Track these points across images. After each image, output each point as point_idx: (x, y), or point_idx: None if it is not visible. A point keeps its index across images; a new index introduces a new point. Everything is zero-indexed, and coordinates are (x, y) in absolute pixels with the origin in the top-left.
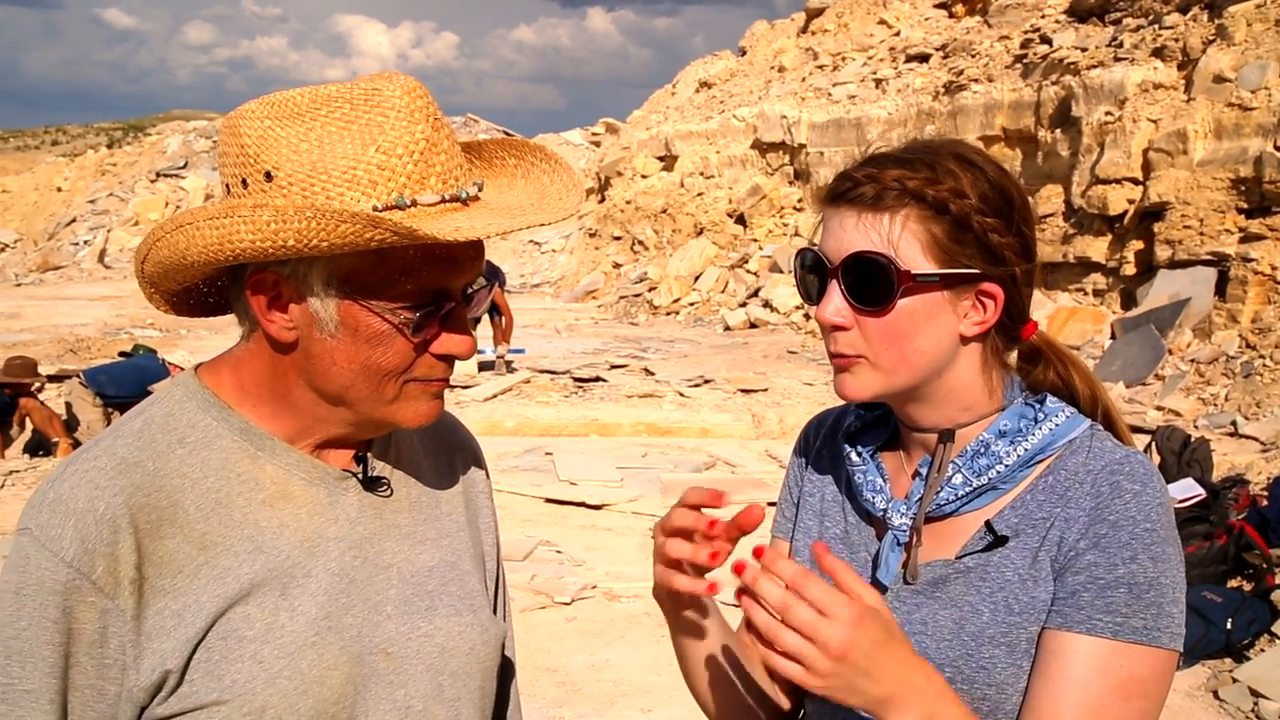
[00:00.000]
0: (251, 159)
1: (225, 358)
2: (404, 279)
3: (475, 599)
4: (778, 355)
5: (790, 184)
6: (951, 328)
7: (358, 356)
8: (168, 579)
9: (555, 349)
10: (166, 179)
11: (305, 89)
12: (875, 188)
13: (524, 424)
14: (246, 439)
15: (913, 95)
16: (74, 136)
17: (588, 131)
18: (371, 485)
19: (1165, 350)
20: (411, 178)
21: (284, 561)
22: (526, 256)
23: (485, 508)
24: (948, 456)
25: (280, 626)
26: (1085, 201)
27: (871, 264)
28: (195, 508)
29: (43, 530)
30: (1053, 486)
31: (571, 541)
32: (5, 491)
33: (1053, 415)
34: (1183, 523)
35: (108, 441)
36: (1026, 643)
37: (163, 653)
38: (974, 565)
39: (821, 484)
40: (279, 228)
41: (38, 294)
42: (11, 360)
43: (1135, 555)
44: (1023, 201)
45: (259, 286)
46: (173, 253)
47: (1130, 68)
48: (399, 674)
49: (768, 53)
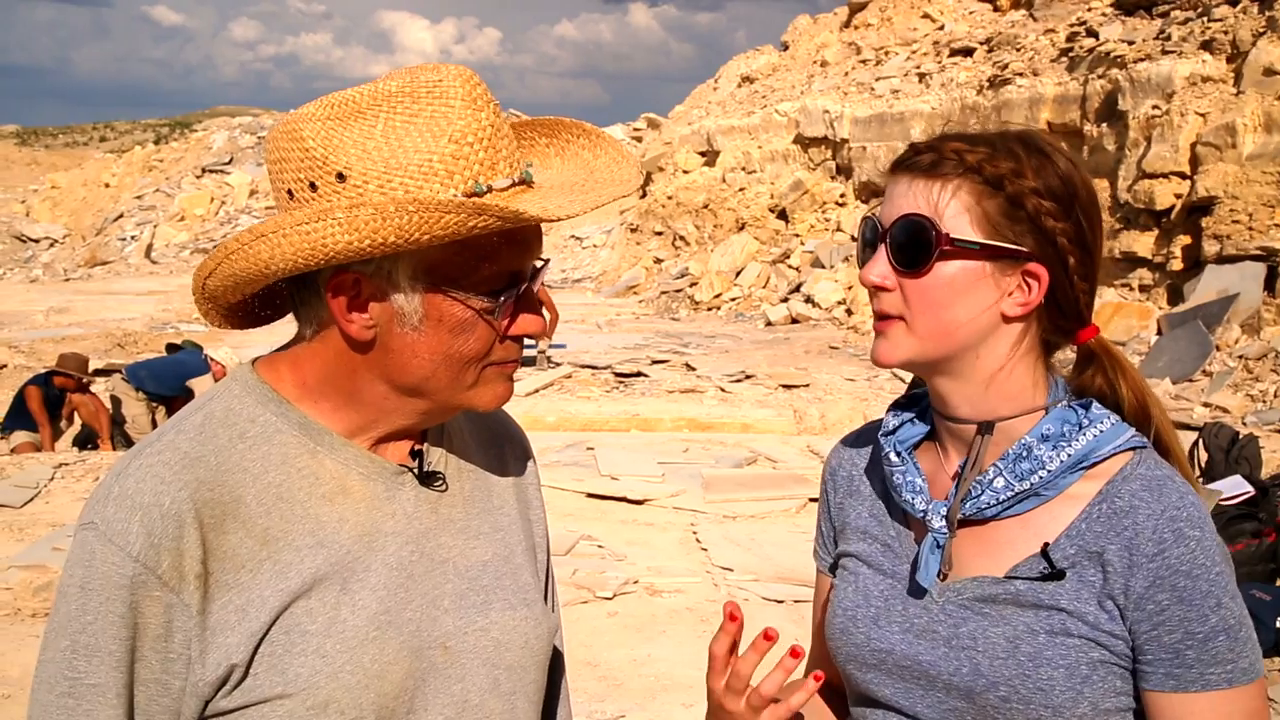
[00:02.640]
0: (319, 161)
1: (284, 354)
2: (486, 264)
3: (529, 592)
4: (819, 351)
5: (832, 179)
6: (992, 303)
7: (440, 346)
8: (231, 573)
9: (596, 344)
10: (212, 174)
11: (360, 87)
12: (933, 156)
13: (565, 419)
14: (305, 434)
15: (956, 89)
16: (122, 133)
17: (629, 127)
18: (427, 480)
19: (1213, 346)
20: (484, 164)
21: (344, 556)
22: (568, 252)
23: (535, 500)
24: (985, 449)
25: (342, 621)
26: (1132, 196)
27: (915, 226)
28: (257, 502)
29: (108, 525)
30: (1109, 517)
31: (613, 536)
32: (55, 484)
33: (1097, 422)
34: (1230, 520)
35: (170, 436)
36: (1087, 668)
37: (227, 647)
38: (1025, 589)
39: (858, 503)
40: (378, 225)
41: (86, 289)
42: (65, 355)
43: (1220, 601)
44: (1089, 197)
45: (340, 288)
46: (253, 264)
47: (1178, 61)
48: (456, 668)
49: (810, 47)
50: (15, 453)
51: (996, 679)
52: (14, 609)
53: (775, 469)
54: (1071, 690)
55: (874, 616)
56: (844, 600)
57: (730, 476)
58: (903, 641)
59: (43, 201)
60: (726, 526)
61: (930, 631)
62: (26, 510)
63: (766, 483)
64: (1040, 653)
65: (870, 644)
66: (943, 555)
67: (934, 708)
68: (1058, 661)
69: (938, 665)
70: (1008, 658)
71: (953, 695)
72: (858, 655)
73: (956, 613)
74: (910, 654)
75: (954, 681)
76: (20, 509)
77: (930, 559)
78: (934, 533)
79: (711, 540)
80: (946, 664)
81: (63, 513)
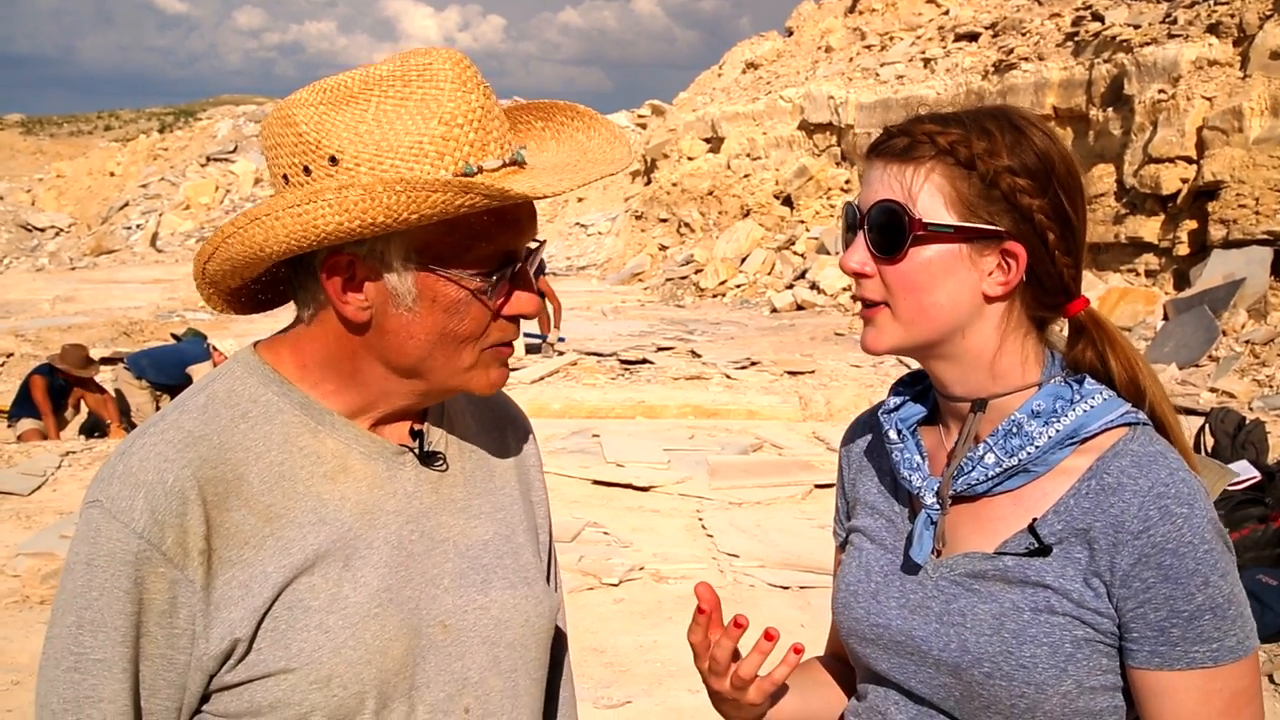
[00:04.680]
0: (312, 145)
1: (284, 337)
2: (478, 244)
3: (529, 571)
4: (825, 337)
5: (837, 165)
6: (973, 285)
7: (435, 326)
8: (235, 550)
9: (602, 331)
10: (216, 163)
11: (352, 72)
12: (906, 140)
13: (571, 406)
14: (306, 413)
15: (962, 74)
16: (126, 121)
17: (634, 114)
18: (427, 460)
19: (1219, 331)
20: (474, 145)
21: (346, 533)
22: (573, 239)
23: (537, 481)
24: (977, 426)
25: (344, 597)
26: (1137, 181)
27: (889, 212)
28: (259, 480)
29: (113, 502)
30: (1097, 493)
31: (619, 523)
32: (62, 472)
33: (1089, 397)
34: (1237, 505)
35: (173, 416)
36: (1071, 646)
37: (231, 622)
38: (1013, 565)
39: (868, 479)
40: (367, 205)
41: (92, 277)
42: (67, 348)
43: (1207, 579)
44: (1067, 170)
45: (335, 269)
46: (248, 247)
47: (1184, 44)
48: (456, 646)
49: (815, 33)
50: (21, 440)
51: (980, 655)
52: (22, 596)
53: (781, 455)
54: (1055, 668)
55: (873, 591)
56: (847, 575)
57: (736, 463)
58: (899, 616)
59: (48, 190)
60: (732, 513)
61: (924, 607)
62: (34, 498)
63: (772, 469)
64: (1024, 630)
65: (870, 618)
66: (935, 531)
67: (925, 683)
68: (1041, 639)
69: (929, 641)
70: (992, 634)
71: (942, 671)
72: (858, 630)
73: (948, 589)
74: (905, 629)
75: (943, 657)
76: (28, 497)
77: (925, 535)
78: (927, 509)
79: (717, 527)
80: (937, 639)
81: (70, 501)
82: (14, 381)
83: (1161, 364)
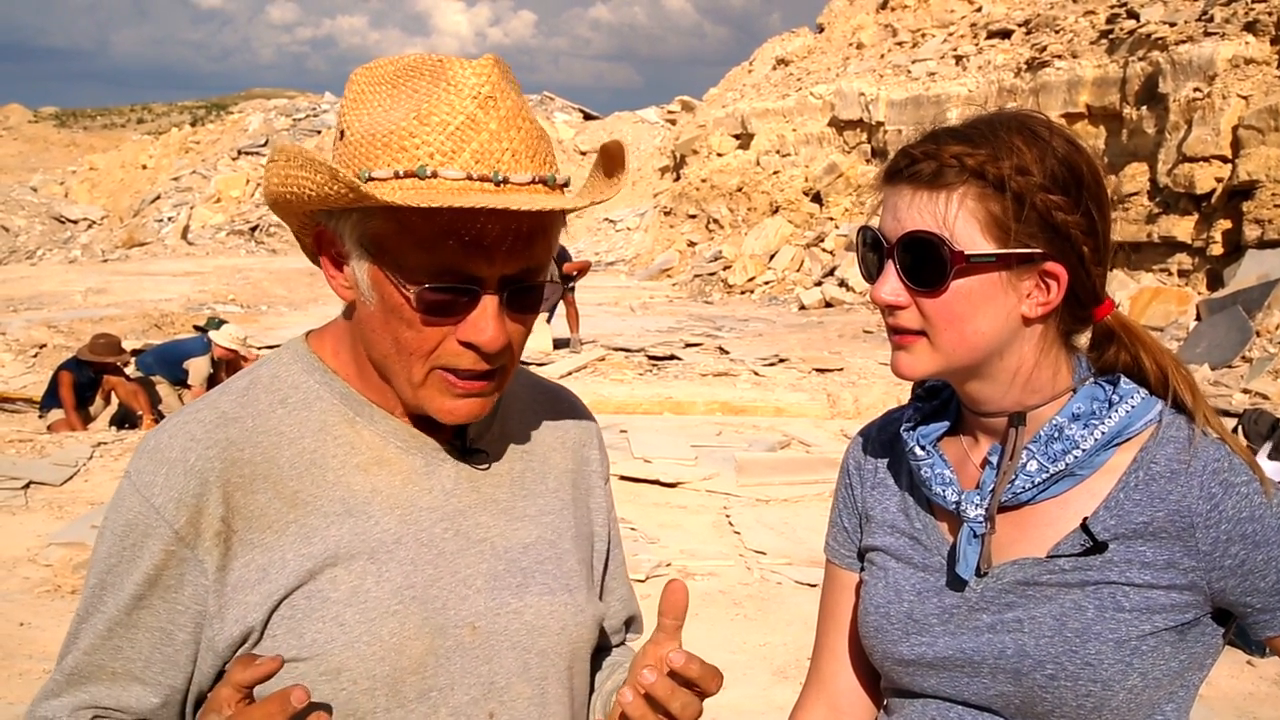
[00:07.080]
0: (343, 116)
1: (331, 325)
2: (419, 252)
3: (572, 579)
4: (853, 335)
5: (867, 162)
6: (1012, 309)
7: (385, 327)
8: (256, 533)
9: (629, 327)
10: (248, 156)
11: (399, 57)
12: (933, 165)
13: (598, 401)
14: (346, 403)
15: (994, 72)
16: (159, 115)
17: (663, 109)
18: (469, 457)
19: (1253, 332)
20: (441, 150)
21: (373, 527)
22: (601, 234)
23: (598, 488)
24: (1020, 441)
25: (365, 592)
26: (1171, 180)
27: (926, 244)
28: (290, 465)
29: (139, 475)
30: (1148, 484)
31: (646, 519)
32: (94, 462)
33: (1128, 397)
34: None
35: (214, 397)
36: (1138, 639)
37: (246, 605)
38: (1069, 566)
39: (883, 496)
40: (285, 174)
41: (124, 269)
42: (96, 339)
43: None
44: (1094, 177)
45: (320, 241)
46: (265, 193)
47: (1220, 43)
48: (485, 649)
49: (846, 29)
50: (52, 430)
51: (1042, 658)
52: (54, 585)
53: (809, 453)
54: (1120, 663)
55: (908, 612)
56: (875, 597)
57: (763, 460)
58: (943, 634)
59: (81, 183)
60: (759, 510)
61: (971, 621)
62: (66, 488)
63: (800, 466)
64: (1089, 628)
65: (908, 640)
66: (983, 546)
67: (979, 693)
68: (1106, 635)
69: (981, 651)
70: (1054, 635)
71: (999, 679)
72: (894, 653)
73: (998, 598)
74: (952, 646)
75: (1000, 665)
76: (60, 487)
77: (968, 550)
78: (970, 523)
79: (744, 524)
80: (990, 649)
81: (101, 491)
82: (46, 372)
83: (1194, 364)
